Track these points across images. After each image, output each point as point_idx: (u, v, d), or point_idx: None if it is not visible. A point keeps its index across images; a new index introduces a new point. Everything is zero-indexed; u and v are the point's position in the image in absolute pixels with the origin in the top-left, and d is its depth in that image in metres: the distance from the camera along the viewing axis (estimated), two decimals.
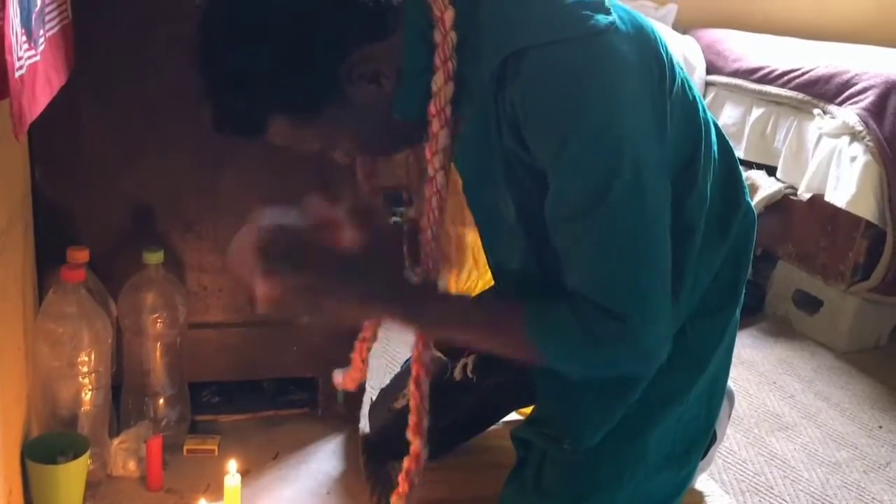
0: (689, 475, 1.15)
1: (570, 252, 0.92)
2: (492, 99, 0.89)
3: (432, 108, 0.92)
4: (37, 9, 0.91)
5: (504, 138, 0.90)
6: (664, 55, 0.94)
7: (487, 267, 1.13)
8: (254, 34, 0.86)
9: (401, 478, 1.10)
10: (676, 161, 0.96)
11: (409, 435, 1.07)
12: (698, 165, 0.99)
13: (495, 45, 0.88)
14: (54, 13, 1.04)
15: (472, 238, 1.06)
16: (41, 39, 0.94)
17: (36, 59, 0.91)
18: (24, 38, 0.85)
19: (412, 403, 1.07)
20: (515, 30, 0.87)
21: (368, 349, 1.15)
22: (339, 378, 1.19)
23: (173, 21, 0.90)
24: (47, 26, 0.99)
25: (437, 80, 0.91)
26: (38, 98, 0.94)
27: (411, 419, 1.07)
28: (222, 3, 0.88)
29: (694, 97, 1.01)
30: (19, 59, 0.83)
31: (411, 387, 1.07)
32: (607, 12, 0.88)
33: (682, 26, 2.87)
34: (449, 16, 0.90)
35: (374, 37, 0.88)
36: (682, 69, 1.00)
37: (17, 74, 0.81)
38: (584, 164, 0.87)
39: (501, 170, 0.93)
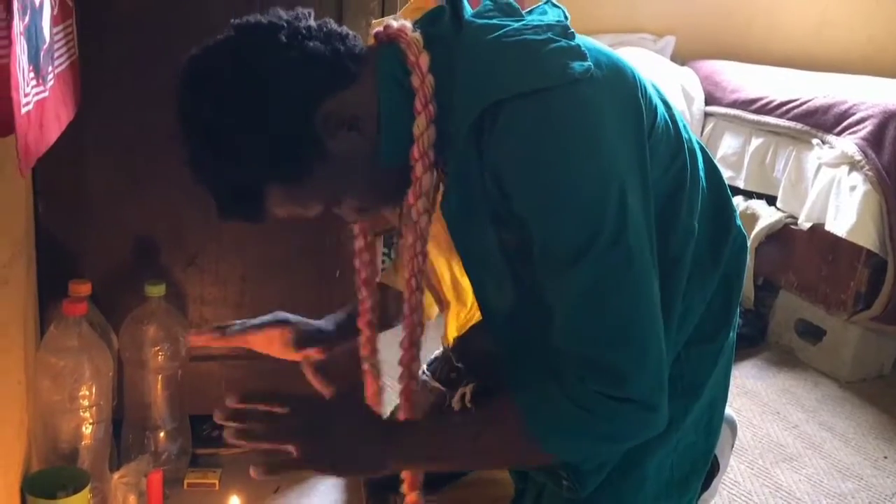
0: (690, 503, 1.14)
1: (558, 307, 0.90)
2: (473, 149, 0.89)
3: (415, 153, 0.92)
4: (45, 45, 0.92)
5: (488, 187, 0.90)
6: (643, 97, 0.93)
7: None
8: (221, 108, 0.87)
9: None
10: (659, 198, 0.95)
11: (405, 487, 1.06)
12: (683, 198, 0.99)
13: (472, 97, 0.88)
14: (63, 49, 1.05)
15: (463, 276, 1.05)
16: (50, 76, 0.95)
17: (44, 94, 0.92)
18: (32, 74, 0.86)
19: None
20: (492, 81, 0.86)
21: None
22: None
23: (179, 57, 0.91)
24: (56, 62, 1.00)
25: (419, 125, 0.91)
26: (46, 134, 0.94)
27: (406, 474, 1.06)
28: (187, 88, 0.89)
29: (678, 133, 0.99)
30: (26, 95, 0.83)
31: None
32: (584, 58, 0.87)
33: (680, 58, 2.89)
34: (424, 60, 0.90)
35: (339, 85, 0.89)
36: (666, 105, 0.99)
37: (23, 111, 0.82)
38: (565, 215, 0.86)
39: (488, 218, 0.92)
